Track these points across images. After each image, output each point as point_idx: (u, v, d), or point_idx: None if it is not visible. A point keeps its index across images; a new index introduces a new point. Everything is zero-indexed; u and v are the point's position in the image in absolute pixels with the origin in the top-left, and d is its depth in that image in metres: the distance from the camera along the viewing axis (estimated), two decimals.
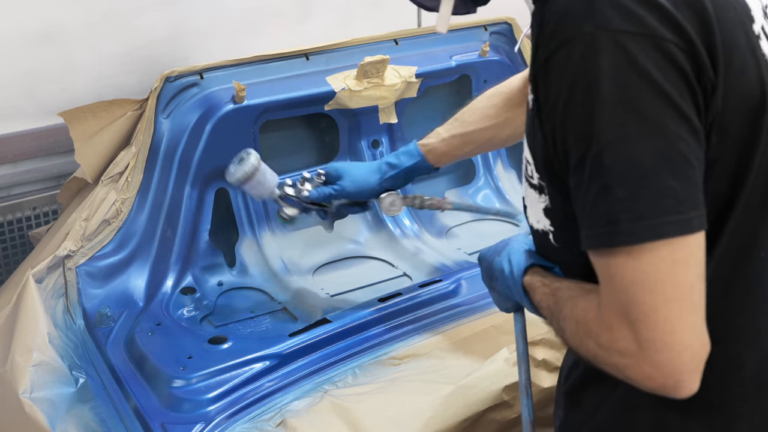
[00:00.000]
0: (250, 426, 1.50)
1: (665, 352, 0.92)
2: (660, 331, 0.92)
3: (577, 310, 1.04)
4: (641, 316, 0.92)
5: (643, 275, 0.92)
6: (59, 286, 1.82)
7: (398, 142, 2.23)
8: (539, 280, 1.18)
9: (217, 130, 1.93)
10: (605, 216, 0.93)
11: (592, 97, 0.92)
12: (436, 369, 1.62)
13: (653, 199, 0.91)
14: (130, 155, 1.94)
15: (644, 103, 0.92)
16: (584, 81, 0.93)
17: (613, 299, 0.95)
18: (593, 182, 0.94)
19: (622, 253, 0.93)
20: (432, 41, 2.27)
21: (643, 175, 0.91)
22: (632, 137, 0.91)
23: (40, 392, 1.59)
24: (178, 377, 1.59)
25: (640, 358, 0.94)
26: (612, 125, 0.92)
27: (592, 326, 0.99)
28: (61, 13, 2.08)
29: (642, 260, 0.92)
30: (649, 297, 0.92)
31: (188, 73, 1.97)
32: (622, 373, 0.97)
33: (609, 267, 0.95)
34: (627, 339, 0.94)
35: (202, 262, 1.96)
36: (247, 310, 1.89)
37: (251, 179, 1.72)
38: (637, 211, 0.91)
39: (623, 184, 0.92)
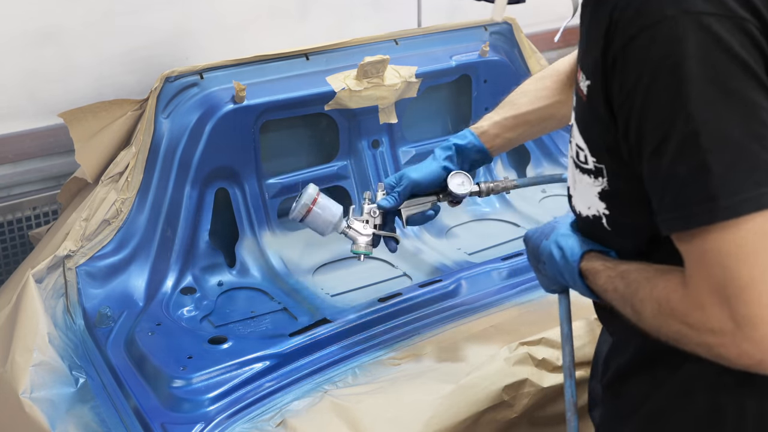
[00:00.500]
0: (250, 426, 1.50)
1: (763, 327, 0.92)
2: (758, 305, 0.92)
3: (657, 290, 1.03)
4: (737, 291, 0.93)
5: (739, 249, 0.93)
6: (59, 286, 1.82)
7: (398, 142, 2.23)
8: (601, 264, 1.17)
9: (217, 130, 1.93)
10: (702, 193, 0.94)
11: (681, 77, 0.94)
12: (436, 369, 1.62)
13: (749, 172, 0.93)
14: (130, 155, 1.94)
15: (733, 80, 0.94)
16: (670, 63, 0.95)
17: (706, 277, 0.95)
18: (684, 163, 0.95)
19: (719, 229, 0.93)
20: (432, 41, 2.27)
21: (737, 150, 0.93)
22: (724, 114, 0.93)
23: (40, 392, 1.59)
24: (178, 377, 1.59)
25: (737, 336, 0.94)
26: (703, 104, 0.94)
27: (678, 306, 0.99)
28: (62, 13, 2.08)
29: (739, 234, 0.93)
30: (746, 271, 0.92)
31: (188, 73, 1.97)
32: (713, 351, 0.97)
33: (703, 244, 0.95)
34: (721, 317, 0.94)
35: (202, 262, 1.96)
36: (247, 310, 1.89)
37: (310, 213, 1.68)
38: (735, 185, 0.93)
39: (719, 161, 0.93)
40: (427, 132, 2.33)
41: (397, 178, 1.68)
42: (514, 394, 1.59)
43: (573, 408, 1.35)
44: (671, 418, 1.16)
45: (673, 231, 0.98)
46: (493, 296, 1.84)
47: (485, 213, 2.30)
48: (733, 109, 0.94)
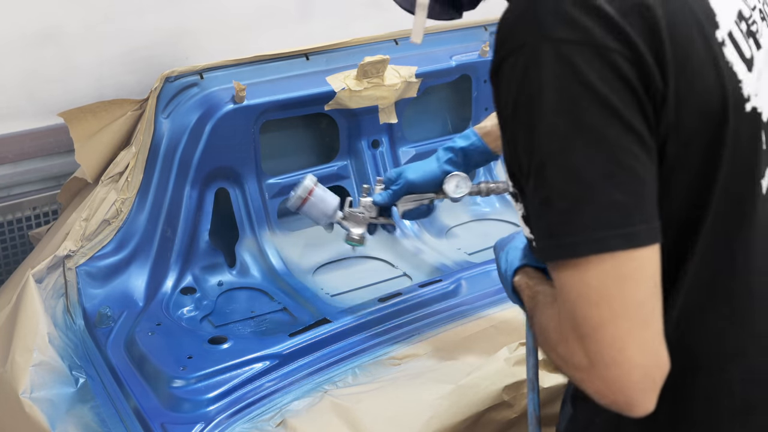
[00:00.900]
0: (250, 426, 1.50)
1: (613, 368, 0.89)
2: (608, 347, 0.88)
3: (544, 318, 1.02)
4: (589, 331, 0.89)
5: (588, 290, 0.89)
6: (59, 286, 1.82)
7: (398, 142, 2.23)
8: (525, 281, 1.17)
9: (217, 130, 1.93)
10: (547, 228, 0.91)
11: (534, 108, 0.90)
12: (436, 369, 1.62)
13: (596, 212, 0.88)
14: (130, 155, 1.94)
15: (586, 114, 0.88)
16: (527, 92, 0.90)
17: (565, 312, 0.92)
18: (537, 194, 0.91)
19: (567, 267, 0.90)
20: (432, 41, 2.27)
21: (585, 188, 0.88)
22: (573, 149, 0.88)
23: (40, 392, 1.59)
24: (178, 377, 1.59)
25: (591, 373, 0.90)
26: (553, 137, 0.89)
27: (552, 337, 0.97)
28: (62, 14, 2.08)
29: (587, 274, 0.88)
30: (596, 312, 0.88)
31: (188, 73, 1.97)
32: (580, 385, 0.94)
33: (558, 279, 0.92)
34: (579, 353, 0.91)
35: (202, 262, 1.96)
36: (247, 310, 1.89)
37: (306, 202, 1.72)
38: (579, 223, 0.88)
39: (564, 197, 0.89)
40: (427, 132, 2.33)
41: (396, 175, 1.69)
42: (514, 394, 1.58)
43: (535, 422, 1.34)
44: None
45: (538, 259, 0.95)
46: (493, 296, 1.84)
47: (485, 213, 2.30)
48: (584, 144, 0.88)
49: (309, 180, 1.74)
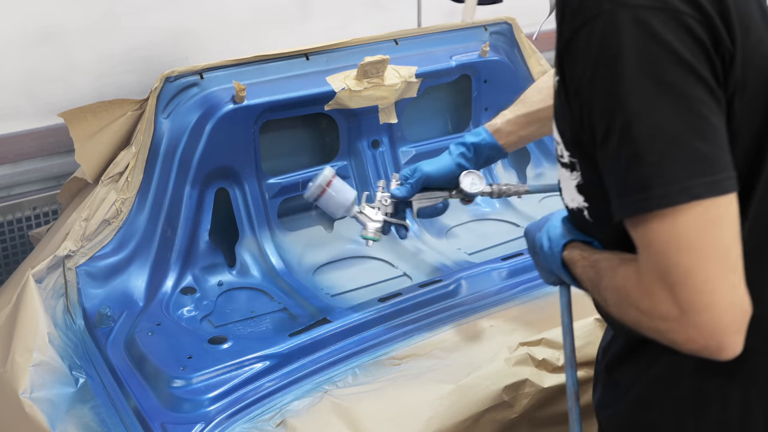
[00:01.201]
0: (250, 426, 1.50)
1: (706, 312, 0.95)
2: (699, 292, 0.95)
3: (617, 279, 1.07)
4: (680, 279, 0.95)
5: (678, 237, 0.95)
6: (59, 286, 1.82)
7: (398, 142, 2.23)
8: (578, 253, 1.21)
9: (217, 130, 1.93)
10: (638, 183, 0.97)
11: (616, 70, 0.97)
12: (436, 369, 1.62)
13: (683, 163, 0.95)
14: (130, 155, 1.94)
15: (666, 72, 0.96)
16: (607, 56, 0.98)
17: (652, 264, 0.98)
18: (623, 152, 0.98)
19: (657, 218, 0.96)
20: (432, 41, 2.27)
21: (671, 141, 0.95)
22: (657, 106, 0.96)
23: (40, 392, 1.59)
24: (178, 377, 1.59)
25: (681, 322, 0.96)
26: (637, 96, 0.96)
27: (632, 293, 1.02)
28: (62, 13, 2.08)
29: (677, 222, 0.95)
30: (686, 258, 0.95)
31: (188, 73, 1.97)
32: (665, 337, 0.99)
33: (646, 233, 0.98)
34: (667, 303, 0.97)
35: (202, 262, 1.96)
36: (247, 310, 1.89)
37: (325, 193, 1.71)
38: (669, 175, 0.95)
39: (653, 151, 0.96)
40: (427, 132, 2.33)
41: (411, 170, 1.72)
42: (514, 394, 1.59)
43: (574, 397, 1.38)
44: (656, 405, 1.18)
45: (621, 217, 1.01)
46: (493, 296, 1.84)
47: (485, 213, 2.30)
48: (668, 101, 0.96)
49: (328, 171, 1.73)
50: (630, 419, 1.22)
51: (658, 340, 1.01)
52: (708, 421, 1.14)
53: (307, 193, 1.73)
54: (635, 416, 1.21)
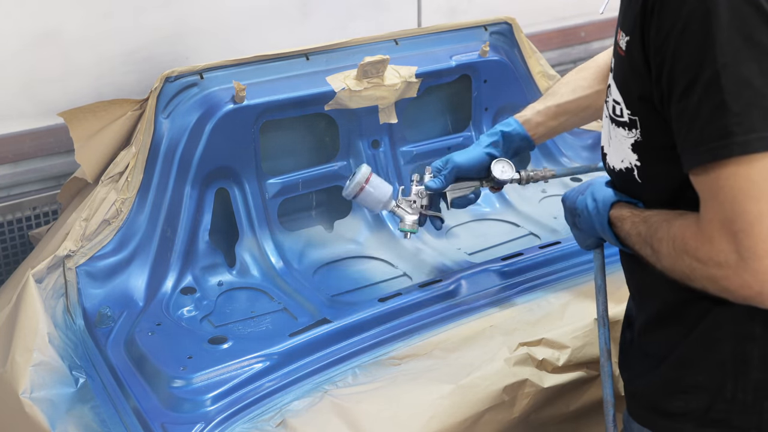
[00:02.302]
0: (250, 426, 1.50)
1: (766, 259, 1.01)
2: (763, 240, 1.01)
3: (674, 229, 1.13)
4: (745, 226, 1.01)
5: (751, 185, 1.01)
6: (59, 286, 1.82)
7: (398, 142, 2.23)
8: (627, 211, 1.27)
9: (217, 130, 1.93)
10: (720, 130, 1.03)
11: (710, 24, 1.03)
12: (436, 369, 1.62)
13: (764, 114, 1.01)
14: (130, 155, 1.94)
15: (756, 31, 1.03)
16: (701, 12, 1.04)
17: (717, 212, 1.04)
18: (707, 102, 1.04)
19: (732, 164, 1.02)
20: (432, 41, 2.27)
21: (755, 93, 1.02)
22: (746, 60, 1.02)
23: (40, 392, 1.59)
24: (178, 377, 1.59)
25: (740, 268, 1.03)
26: (728, 49, 1.03)
27: (690, 242, 1.09)
28: (61, 14, 2.08)
29: (752, 170, 1.01)
30: (755, 206, 1.01)
31: (188, 73, 1.97)
32: (718, 284, 1.06)
33: (717, 180, 1.04)
34: (727, 250, 1.03)
35: (202, 262, 1.96)
36: (247, 310, 1.89)
37: (363, 190, 1.81)
38: (750, 124, 1.01)
39: (737, 101, 1.02)
40: (427, 132, 2.33)
41: (444, 162, 1.79)
42: (514, 394, 1.59)
43: (606, 354, 1.47)
44: (697, 365, 1.24)
45: (692, 166, 1.06)
46: (493, 296, 1.84)
47: (485, 213, 2.30)
48: (756, 57, 1.02)
49: (365, 169, 1.82)
50: (670, 382, 1.27)
51: (708, 288, 1.08)
52: (748, 379, 1.20)
53: (345, 192, 1.83)
54: (676, 378, 1.27)
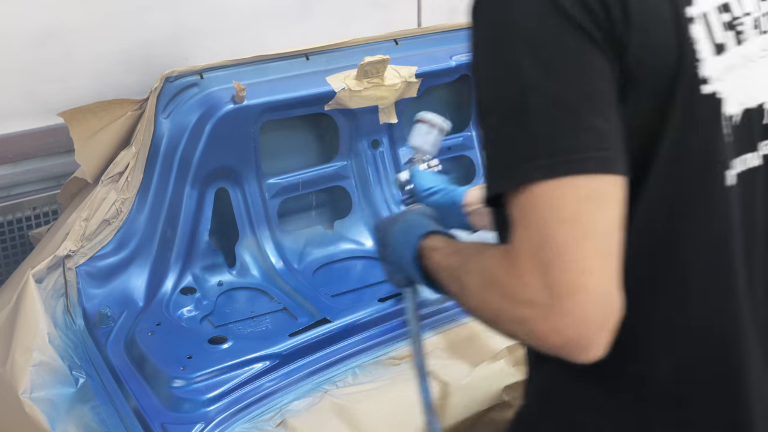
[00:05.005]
0: (250, 426, 1.50)
1: (578, 295, 0.86)
2: (574, 270, 0.86)
3: (484, 259, 0.99)
4: (554, 255, 0.87)
5: (559, 210, 0.88)
6: (59, 286, 1.82)
7: (398, 142, 2.22)
8: (441, 240, 1.17)
9: (217, 130, 1.93)
10: (525, 152, 0.90)
11: (510, 36, 0.92)
12: (436, 369, 1.62)
13: (574, 134, 0.89)
14: (130, 155, 1.94)
15: (565, 41, 0.91)
16: (500, 22, 0.93)
17: (526, 241, 0.90)
18: (509, 122, 0.92)
19: (540, 188, 0.89)
20: (432, 41, 2.27)
21: (564, 111, 0.90)
22: (552, 74, 0.90)
23: (40, 392, 1.59)
24: (178, 377, 1.59)
25: (547, 308, 0.87)
26: (531, 63, 0.91)
27: (498, 273, 0.94)
28: (62, 13, 2.08)
29: (560, 194, 0.88)
30: (565, 231, 0.87)
31: (188, 73, 1.97)
32: (526, 328, 0.90)
33: (525, 204, 0.90)
34: (536, 286, 0.88)
35: (202, 262, 1.96)
36: (247, 310, 1.89)
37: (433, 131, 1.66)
38: (558, 145, 0.89)
39: (543, 120, 0.90)
40: None
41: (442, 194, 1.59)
42: (514, 394, 1.59)
43: (429, 410, 1.30)
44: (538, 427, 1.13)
45: (496, 191, 0.94)
46: None
47: None
48: (563, 69, 0.91)
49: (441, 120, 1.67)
50: None
51: (516, 333, 0.93)
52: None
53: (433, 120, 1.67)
54: None
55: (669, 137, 0.97)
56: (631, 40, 0.93)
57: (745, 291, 1.04)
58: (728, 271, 1.02)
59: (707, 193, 1.00)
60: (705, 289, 1.01)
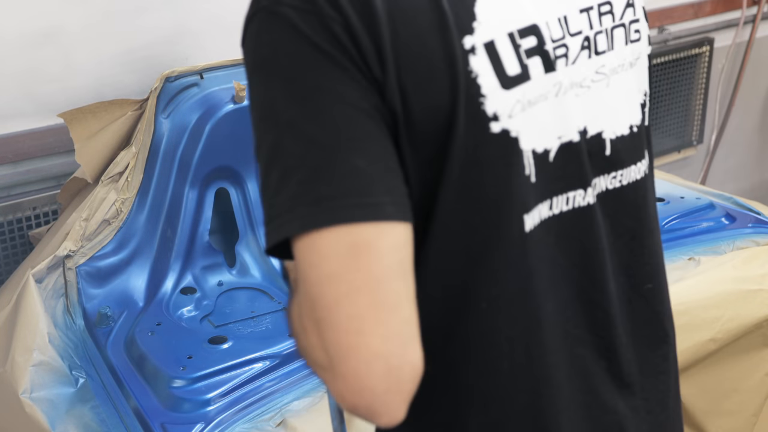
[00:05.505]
0: (250, 426, 1.50)
1: (351, 359, 0.77)
2: (344, 331, 0.77)
3: (289, 306, 0.91)
4: (324, 314, 0.78)
5: (322, 266, 0.78)
6: (59, 286, 1.82)
7: None
8: None
9: (217, 130, 1.93)
10: (286, 201, 0.80)
11: (267, 73, 0.84)
12: None
13: (333, 180, 0.79)
14: (130, 155, 1.94)
15: (316, 76, 0.81)
16: (256, 58, 0.87)
17: (304, 296, 0.81)
18: (273, 167, 0.82)
19: (304, 240, 0.79)
20: None
21: (321, 154, 0.80)
22: (307, 113, 0.81)
23: (40, 392, 1.59)
24: (178, 377, 1.59)
25: (329, 371, 0.79)
26: (286, 101, 0.82)
27: (294, 326, 0.86)
28: (61, 13, 2.08)
29: (323, 247, 0.78)
30: (331, 288, 0.78)
31: (188, 73, 1.97)
32: (331, 390, 0.81)
33: (297, 257, 0.80)
34: (317, 346, 0.80)
35: (202, 262, 1.96)
36: (247, 310, 1.89)
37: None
38: (317, 192, 0.79)
39: (301, 166, 0.80)
40: None
41: None
42: None
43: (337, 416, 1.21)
44: None
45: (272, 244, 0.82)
46: None
47: None
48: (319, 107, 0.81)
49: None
50: None
51: None
52: None
53: None
54: None
55: (455, 181, 0.86)
56: (388, 79, 0.83)
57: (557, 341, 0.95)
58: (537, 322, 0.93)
59: (501, 242, 0.90)
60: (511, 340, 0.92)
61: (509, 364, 0.92)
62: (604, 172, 0.99)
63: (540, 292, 0.93)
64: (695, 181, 3.46)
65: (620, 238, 1.03)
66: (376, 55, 0.82)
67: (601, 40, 0.98)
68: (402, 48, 0.83)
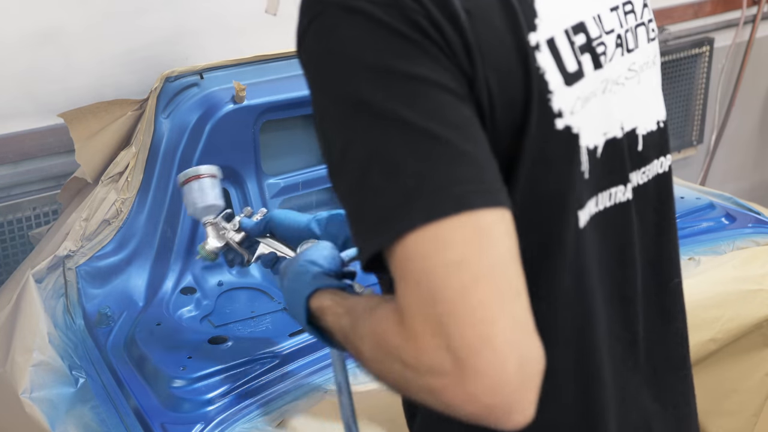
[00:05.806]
0: (250, 426, 1.50)
1: (485, 351, 0.71)
2: (474, 322, 0.72)
3: (374, 321, 0.82)
4: (446, 308, 0.72)
5: (444, 255, 0.74)
6: (59, 286, 1.82)
7: None
8: (329, 297, 0.99)
9: (217, 130, 1.93)
10: (397, 196, 0.76)
11: (352, 71, 0.80)
12: None
13: (448, 168, 0.76)
14: (130, 155, 1.94)
15: (415, 67, 0.79)
16: (334, 56, 0.81)
17: (415, 297, 0.75)
18: (373, 165, 0.78)
19: (418, 235, 0.75)
20: None
21: (431, 143, 0.77)
22: (408, 105, 0.78)
23: (40, 392, 1.59)
24: (178, 377, 1.59)
25: (453, 374, 0.72)
26: (382, 96, 0.78)
27: (391, 339, 0.78)
28: (62, 13, 2.08)
29: (441, 237, 0.74)
30: (453, 278, 0.73)
31: (188, 73, 1.97)
32: (440, 399, 0.74)
33: (407, 256, 0.75)
34: (434, 349, 0.73)
35: (202, 262, 1.96)
36: (247, 310, 1.89)
37: (187, 184, 1.59)
38: (431, 184, 0.76)
39: (409, 158, 0.77)
40: None
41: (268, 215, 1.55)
42: None
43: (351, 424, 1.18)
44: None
45: (370, 252, 0.79)
46: None
47: None
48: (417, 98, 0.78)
49: (208, 168, 1.60)
50: None
51: (432, 404, 0.75)
52: None
53: (178, 176, 1.62)
54: None
55: (523, 179, 0.86)
56: (476, 73, 0.82)
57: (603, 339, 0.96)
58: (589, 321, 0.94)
59: (561, 240, 0.89)
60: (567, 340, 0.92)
61: (564, 366, 0.92)
62: (636, 168, 1.01)
63: (590, 291, 0.94)
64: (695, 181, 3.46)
65: (647, 234, 1.04)
66: (464, 48, 0.82)
67: (630, 38, 1.00)
68: (484, 43, 0.83)
